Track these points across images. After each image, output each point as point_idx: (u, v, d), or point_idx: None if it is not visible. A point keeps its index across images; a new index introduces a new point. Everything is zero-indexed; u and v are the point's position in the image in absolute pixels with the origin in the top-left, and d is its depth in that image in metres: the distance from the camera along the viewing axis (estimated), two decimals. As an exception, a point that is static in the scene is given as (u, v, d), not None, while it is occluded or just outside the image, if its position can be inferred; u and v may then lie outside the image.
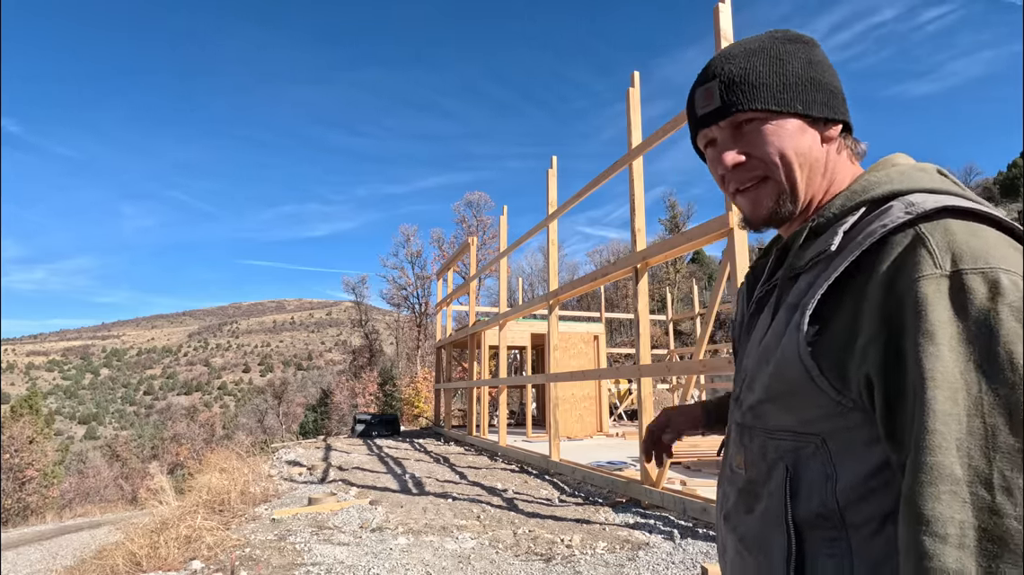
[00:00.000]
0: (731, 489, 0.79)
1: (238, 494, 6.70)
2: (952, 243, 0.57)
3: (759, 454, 0.73)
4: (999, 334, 0.53)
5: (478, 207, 37.89)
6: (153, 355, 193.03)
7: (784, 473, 0.68)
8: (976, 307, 0.54)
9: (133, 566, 4.49)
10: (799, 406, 0.67)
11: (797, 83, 0.73)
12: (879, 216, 0.64)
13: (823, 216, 0.70)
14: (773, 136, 0.73)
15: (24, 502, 25.87)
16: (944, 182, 0.66)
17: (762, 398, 0.72)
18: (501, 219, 11.31)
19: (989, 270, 0.55)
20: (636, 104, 6.51)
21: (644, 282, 6.24)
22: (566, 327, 13.54)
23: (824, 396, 0.64)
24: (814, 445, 0.66)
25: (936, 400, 0.54)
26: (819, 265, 0.67)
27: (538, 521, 5.31)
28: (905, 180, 0.67)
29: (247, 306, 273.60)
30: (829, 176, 0.75)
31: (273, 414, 54.24)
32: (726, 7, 5.04)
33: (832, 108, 0.75)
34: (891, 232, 0.61)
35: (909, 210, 0.61)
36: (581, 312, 26.53)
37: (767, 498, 0.70)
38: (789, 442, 0.69)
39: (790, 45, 0.76)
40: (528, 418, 13.32)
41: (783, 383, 0.68)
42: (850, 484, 0.63)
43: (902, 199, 0.64)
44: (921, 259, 0.57)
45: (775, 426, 0.71)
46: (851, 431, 0.64)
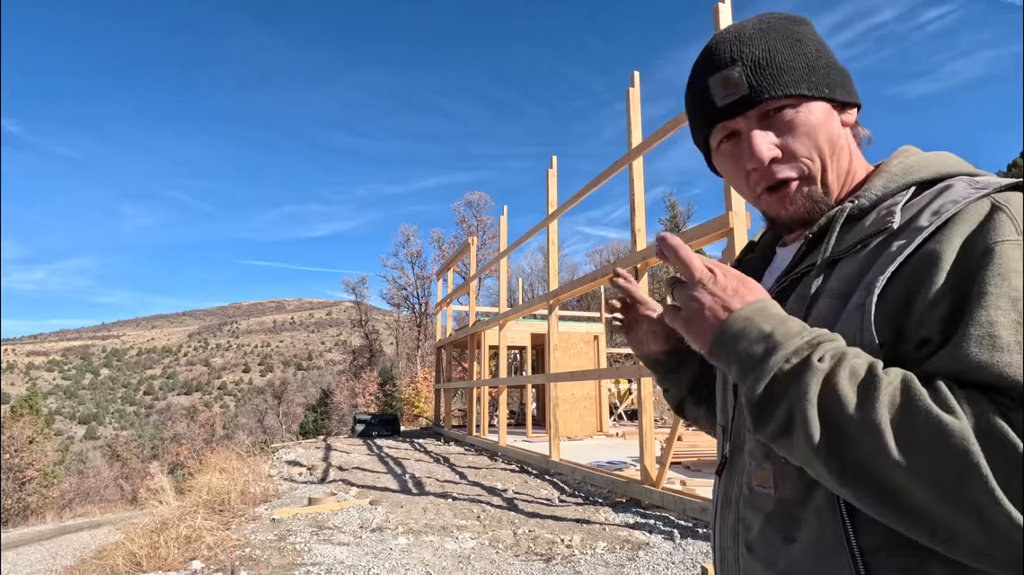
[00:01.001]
0: (753, 514, 0.66)
1: (238, 494, 6.70)
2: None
3: (794, 468, 0.60)
4: None
5: (478, 207, 37.90)
6: (153, 355, 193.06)
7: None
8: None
9: (133, 566, 4.49)
10: None
11: (819, 65, 0.68)
12: (940, 194, 0.60)
13: (864, 198, 0.64)
14: (807, 124, 0.67)
15: (24, 502, 25.87)
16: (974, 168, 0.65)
17: None
18: (501, 219, 11.31)
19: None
20: (636, 104, 6.51)
21: (644, 282, 6.23)
22: (566, 327, 13.54)
23: None
24: None
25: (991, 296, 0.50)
26: (872, 247, 0.61)
27: (538, 521, 5.31)
28: (946, 164, 0.64)
29: (247, 306, 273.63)
30: (847, 163, 0.70)
31: (273, 414, 54.22)
32: (726, 7, 5.04)
33: (850, 91, 0.71)
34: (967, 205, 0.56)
35: (976, 186, 0.58)
36: (581, 312, 26.52)
37: (814, 521, 0.59)
38: None
39: (798, 26, 0.70)
40: (528, 418, 13.32)
41: None
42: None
43: (959, 179, 0.61)
44: (1002, 224, 0.53)
45: None
46: None
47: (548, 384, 8.17)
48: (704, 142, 0.76)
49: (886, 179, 0.65)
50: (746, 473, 0.68)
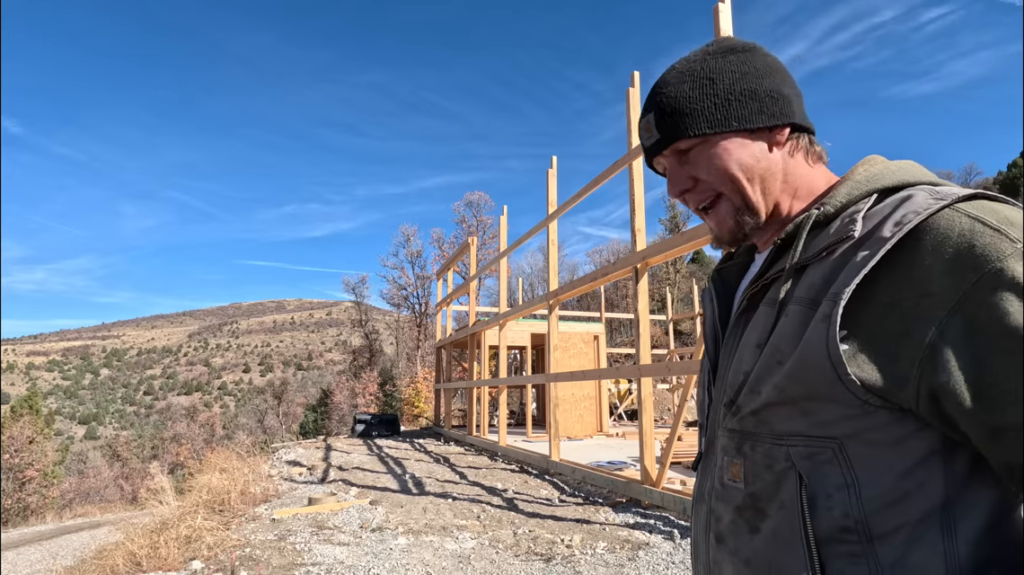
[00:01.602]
0: (724, 506, 0.70)
1: (238, 494, 6.69)
2: (1011, 219, 0.55)
3: (763, 464, 0.65)
4: None
5: (478, 207, 37.92)
6: (153, 355, 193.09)
7: (797, 483, 0.61)
8: None
9: (133, 566, 4.49)
10: (817, 408, 0.61)
11: (730, 100, 0.72)
12: (900, 203, 0.61)
13: (830, 205, 0.67)
14: (715, 158, 0.73)
15: (24, 502, 25.87)
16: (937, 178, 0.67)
17: (772, 400, 0.64)
18: (501, 219, 11.31)
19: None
20: (636, 104, 6.51)
21: (644, 282, 6.24)
22: (566, 327, 13.54)
23: (849, 396, 0.59)
24: (831, 450, 0.60)
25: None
26: (836, 254, 0.63)
27: (538, 521, 5.31)
28: (909, 173, 0.66)
29: (247, 306, 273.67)
30: (791, 180, 0.74)
31: (273, 414, 54.23)
32: (726, 7, 5.04)
33: (772, 115, 0.72)
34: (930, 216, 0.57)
35: (937, 196, 0.59)
36: (581, 312, 26.53)
37: (777, 513, 0.63)
38: (802, 448, 0.62)
39: (722, 59, 0.74)
40: (528, 418, 13.32)
41: (801, 383, 0.61)
42: (877, 490, 0.58)
43: (921, 187, 0.62)
44: (992, 239, 0.53)
45: (785, 431, 0.64)
46: (876, 432, 0.59)
47: (548, 384, 8.17)
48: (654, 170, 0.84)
49: (850, 187, 0.67)
50: (718, 468, 0.72)
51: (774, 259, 0.72)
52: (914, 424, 0.58)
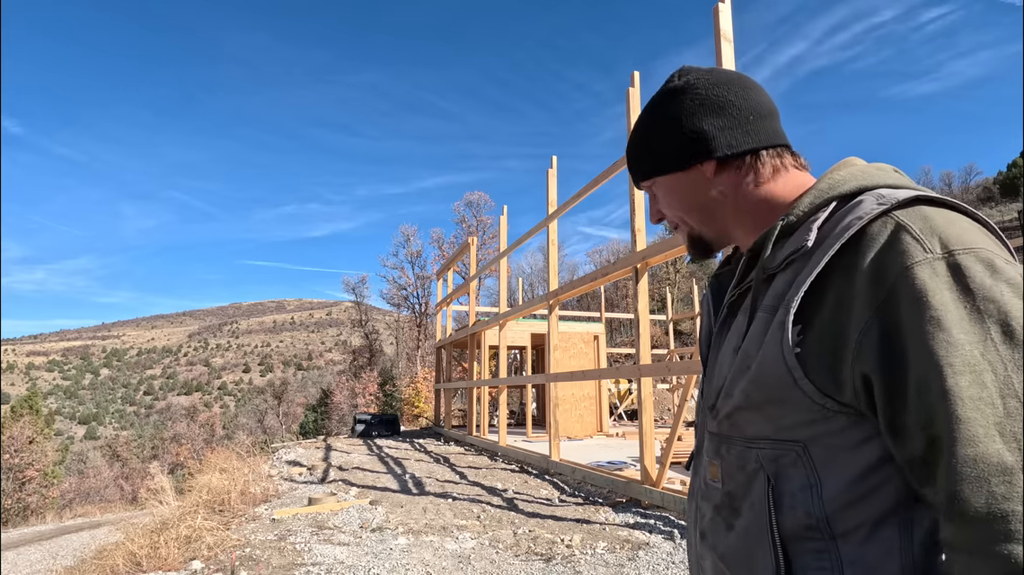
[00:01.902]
0: (706, 505, 0.74)
1: (238, 494, 6.69)
2: (935, 228, 0.57)
3: (737, 465, 0.69)
4: (1008, 310, 0.52)
5: (478, 207, 37.91)
6: (153, 355, 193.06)
7: (765, 484, 0.65)
8: (979, 285, 0.54)
9: (133, 566, 4.49)
10: (779, 412, 0.65)
11: (667, 148, 0.78)
12: (851, 209, 0.64)
13: (793, 215, 0.69)
14: (665, 197, 0.82)
15: (24, 502, 25.86)
16: (903, 179, 0.68)
17: (741, 405, 0.68)
18: (501, 219, 11.31)
19: (978, 250, 0.55)
20: (636, 104, 6.51)
21: (644, 282, 6.24)
22: (566, 327, 13.54)
23: (807, 400, 0.62)
24: (795, 453, 0.64)
25: (960, 387, 0.51)
26: (795, 263, 0.66)
27: (538, 521, 5.31)
28: (869, 177, 0.67)
29: (247, 306, 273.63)
30: (742, 202, 0.77)
31: (273, 414, 54.21)
32: (726, 7, 5.04)
33: (709, 150, 0.76)
34: (869, 222, 0.60)
35: (881, 201, 0.61)
36: (581, 312, 26.53)
37: (748, 512, 0.67)
38: (769, 451, 0.66)
39: (659, 109, 0.80)
40: (528, 418, 13.32)
41: (763, 388, 0.65)
42: (836, 491, 0.61)
43: (871, 192, 0.64)
44: (908, 246, 0.57)
45: (754, 434, 0.68)
46: (835, 436, 0.62)
47: (548, 384, 8.17)
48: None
49: (813, 196, 0.69)
50: (703, 468, 0.77)
51: (747, 269, 0.77)
52: (871, 429, 0.60)
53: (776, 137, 0.77)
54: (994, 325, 0.52)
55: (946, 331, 0.53)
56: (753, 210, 0.76)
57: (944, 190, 47.56)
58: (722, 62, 5.00)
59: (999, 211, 33.64)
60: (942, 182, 48.87)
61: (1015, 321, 0.52)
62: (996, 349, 0.52)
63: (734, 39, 5.08)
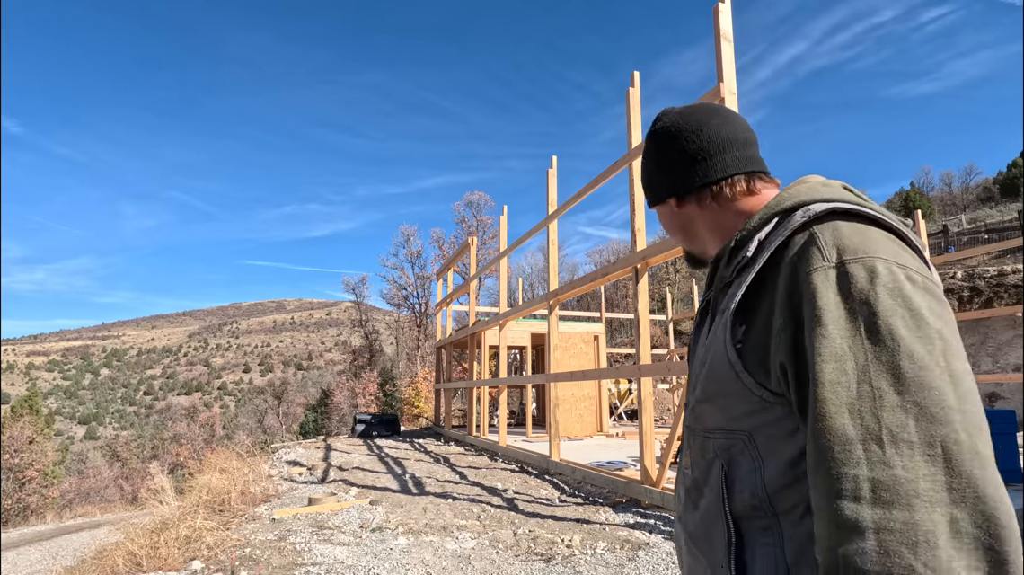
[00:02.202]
0: (682, 489, 0.85)
1: (238, 494, 6.69)
2: (838, 239, 0.67)
3: (699, 453, 0.80)
4: (878, 310, 0.61)
5: (478, 207, 37.88)
6: (153, 355, 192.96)
7: (720, 470, 0.75)
8: (857, 289, 0.63)
9: (133, 566, 4.49)
10: (728, 403, 0.74)
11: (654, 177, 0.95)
12: (785, 224, 0.73)
13: (744, 230, 0.78)
14: (662, 217, 0.98)
15: (24, 502, 25.84)
16: (844, 194, 0.74)
17: (700, 398, 0.79)
18: (501, 219, 11.31)
19: (867, 258, 0.64)
20: (636, 104, 6.51)
21: (644, 282, 6.24)
22: (566, 327, 13.53)
23: (747, 391, 0.71)
24: (742, 441, 0.73)
25: (824, 372, 0.61)
26: (743, 272, 0.75)
27: (538, 521, 5.31)
28: (809, 193, 0.75)
29: (247, 306, 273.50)
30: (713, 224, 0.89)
31: (273, 414, 54.16)
32: (726, 7, 5.04)
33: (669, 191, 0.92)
34: (792, 234, 0.70)
35: (804, 215, 0.71)
36: (581, 312, 26.52)
37: (708, 494, 0.77)
38: (723, 440, 0.76)
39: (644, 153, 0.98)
40: (528, 418, 13.31)
41: (715, 382, 0.75)
42: (776, 474, 0.70)
43: (804, 208, 0.72)
44: (812, 254, 0.67)
45: (711, 426, 0.78)
46: (773, 425, 0.70)
47: (548, 384, 8.16)
48: None
49: (762, 213, 0.78)
50: (682, 457, 0.88)
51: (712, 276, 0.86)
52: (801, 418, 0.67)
53: (742, 165, 0.88)
54: (863, 323, 0.62)
55: (823, 327, 0.63)
56: (723, 228, 0.88)
57: (944, 190, 47.45)
58: (722, 62, 5.00)
59: (999, 211, 33.57)
60: (942, 182, 48.78)
61: (880, 321, 0.61)
62: (862, 343, 0.61)
63: (734, 39, 5.08)
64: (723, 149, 0.88)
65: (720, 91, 4.98)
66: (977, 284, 17.14)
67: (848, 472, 0.57)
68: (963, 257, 18.07)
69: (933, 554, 0.53)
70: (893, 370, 0.59)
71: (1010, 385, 14.51)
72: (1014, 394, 14.39)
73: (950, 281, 17.65)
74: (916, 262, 0.67)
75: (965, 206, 41.60)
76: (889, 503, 0.55)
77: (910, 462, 0.56)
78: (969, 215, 35.15)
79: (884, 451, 0.57)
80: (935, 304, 0.63)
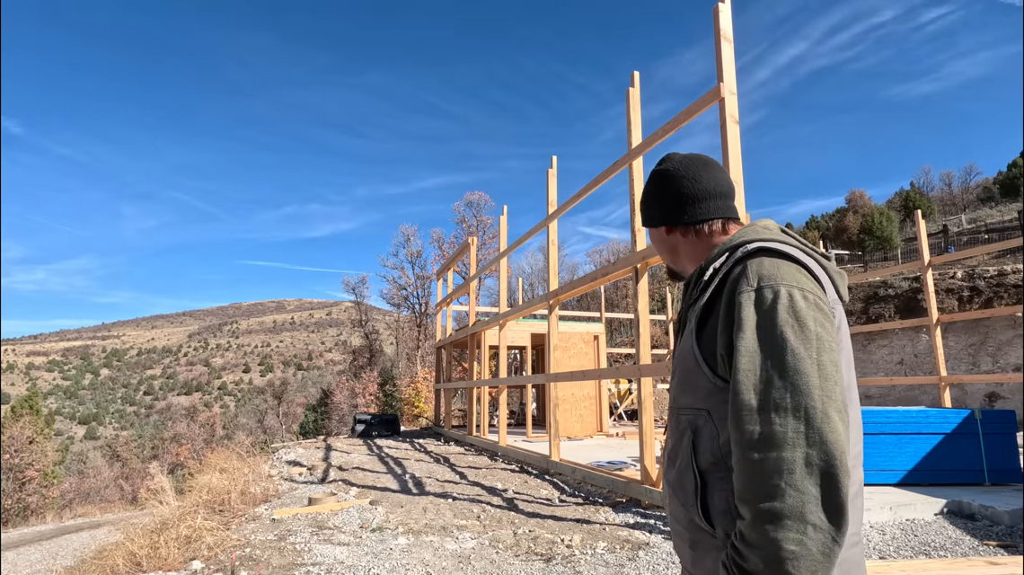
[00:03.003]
0: (666, 456, 1.12)
1: (238, 494, 6.69)
2: (759, 271, 0.95)
3: (676, 426, 1.08)
4: (776, 320, 0.90)
5: (478, 207, 37.84)
6: (153, 355, 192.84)
7: (690, 437, 1.03)
8: (764, 306, 0.91)
9: (133, 566, 4.49)
10: (694, 388, 1.03)
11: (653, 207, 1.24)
12: (731, 257, 1.02)
13: (708, 262, 1.07)
14: (654, 240, 1.28)
15: (24, 502, 25.82)
16: (777, 235, 1.05)
17: (676, 385, 1.08)
18: (501, 219, 11.30)
19: (775, 285, 0.92)
20: (636, 104, 6.50)
21: (644, 282, 6.23)
22: (566, 327, 13.52)
23: (706, 379, 1.00)
24: (704, 416, 1.01)
25: (740, 363, 0.90)
26: (704, 292, 1.03)
27: (538, 521, 5.30)
28: (751, 234, 1.05)
29: (247, 306, 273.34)
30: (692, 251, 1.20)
31: (273, 414, 54.12)
32: (726, 7, 5.03)
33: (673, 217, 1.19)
34: (732, 266, 1.00)
35: (743, 252, 1.00)
36: (581, 312, 26.51)
37: (682, 455, 1.05)
38: (691, 416, 1.04)
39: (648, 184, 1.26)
40: (528, 418, 13.31)
41: (686, 372, 1.04)
42: (726, 439, 0.96)
43: (743, 247, 1.01)
44: (741, 281, 0.96)
45: (684, 405, 1.06)
46: (724, 404, 0.96)
47: (548, 384, 8.16)
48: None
49: (719, 249, 1.07)
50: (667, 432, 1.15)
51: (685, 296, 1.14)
52: None
53: (721, 212, 1.17)
54: (765, 329, 0.90)
55: (743, 331, 0.91)
56: (698, 256, 1.19)
57: (944, 190, 47.41)
58: (722, 62, 5.00)
59: (999, 211, 33.54)
60: (942, 182, 48.75)
61: (777, 328, 0.89)
62: (766, 342, 0.89)
63: (734, 39, 5.08)
64: (709, 198, 1.17)
65: (720, 91, 4.98)
66: (977, 284, 17.13)
67: (748, 428, 0.86)
68: (963, 257, 18.06)
69: (792, 476, 0.81)
70: (780, 362, 0.87)
71: (1010, 385, 14.50)
72: (1014, 394, 14.38)
73: (950, 281, 17.64)
74: (812, 285, 0.95)
75: (965, 206, 41.59)
76: (769, 446, 0.83)
77: (783, 421, 0.84)
78: (969, 215, 35.14)
79: (769, 415, 0.85)
80: (819, 315, 0.91)
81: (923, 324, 11.44)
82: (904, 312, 18.06)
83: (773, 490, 0.81)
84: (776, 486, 0.81)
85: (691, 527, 1.02)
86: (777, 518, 0.80)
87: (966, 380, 11.36)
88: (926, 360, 16.16)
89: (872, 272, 21.11)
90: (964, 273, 17.69)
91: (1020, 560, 3.52)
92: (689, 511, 1.01)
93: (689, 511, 1.01)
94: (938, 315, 10.33)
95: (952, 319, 11.06)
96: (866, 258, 30.06)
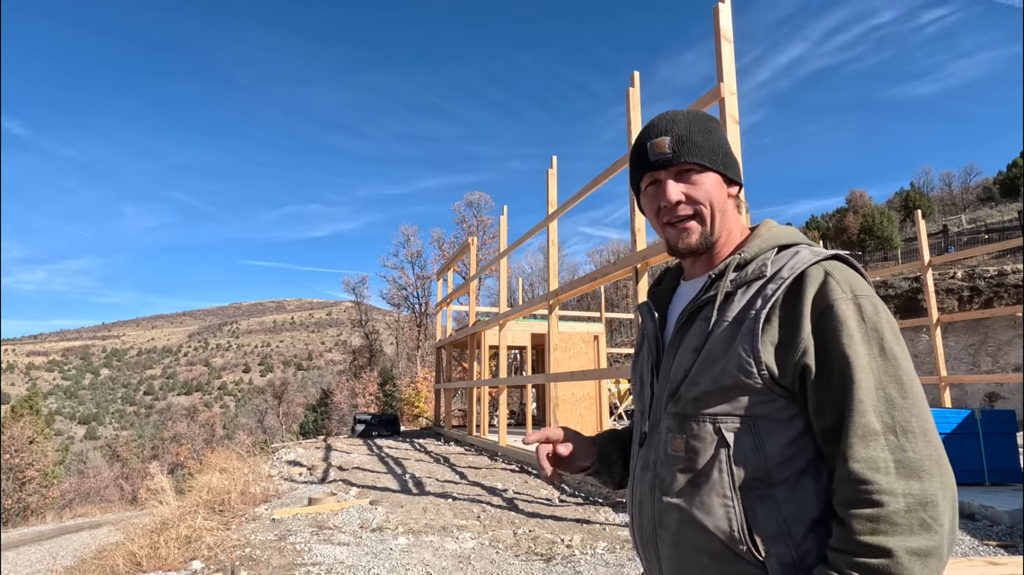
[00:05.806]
0: (668, 470, 0.94)
1: (238, 494, 6.69)
2: (848, 279, 0.86)
3: (700, 436, 0.91)
4: (884, 335, 0.83)
5: (478, 207, 37.85)
6: (153, 355, 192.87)
7: (727, 449, 0.88)
8: (869, 318, 0.84)
9: (133, 566, 4.49)
10: (739, 395, 0.88)
11: (719, 150, 0.99)
12: (792, 255, 0.91)
13: (747, 253, 0.94)
14: (704, 183, 0.98)
15: (24, 502, 25.82)
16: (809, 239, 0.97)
17: (708, 390, 0.90)
18: (501, 219, 11.31)
19: (871, 296, 0.86)
20: (636, 104, 6.50)
21: (644, 282, 6.23)
22: (566, 327, 13.53)
23: (760, 386, 0.86)
24: (747, 425, 0.88)
25: (861, 380, 0.81)
26: (753, 285, 0.91)
27: (538, 521, 5.30)
28: (796, 235, 0.96)
29: (247, 306, 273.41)
30: (728, 221, 1.00)
31: (273, 414, 54.10)
32: (726, 7, 5.03)
33: (736, 173, 1.01)
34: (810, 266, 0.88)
35: (814, 254, 0.90)
36: (581, 312, 26.50)
37: (715, 471, 0.89)
38: (728, 423, 0.89)
39: (710, 122, 1.01)
40: (528, 418, 13.32)
41: (730, 377, 0.88)
42: (775, 452, 0.87)
43: (803, 246, 0.93)
44: (834, 287, 0.85)
45: (717, 412, 0.90)
46: (776, 412, 0.87)
47: (548, 384, 8.16)
48: (636, 185, 1.05)
49: (760, 241, 0.95)
50: (663, 443, 0.96)
51: (708, 287, 0.96)
52: (799, 407, 0.87)
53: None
54: (875, 344, 0.83)
55: (856, 343, 0.82)
56: (729, 228, 1.01)
57: (944, 190, 47.40)
58: (722, 62, 5.00)
59: (999, 211, 33.51)
60: (942, 182, 48.71)
61: (886, 343, 0.83)
62: (876, 359, 0.82)
63: (734, 40, 5.08)
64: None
65: (720, 91, 4.98)
66: (977, 284, 17.14)
67: (878, 455, 0.78)
68: (963, 257, 18.07)
69: (936, 510, 0.76)
70: (898, 381, 0.81)
71: (1010, 385, 14.50)
72: (1014, 394, 14.38)
73: (950, 281, 17.64)
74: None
75: (965, 206, 41.57)
76: (909, 476, 0.77)
77: (914, 446, 0.78)
78: (969, 215, 35.13)
79: (899, 440, 0.79)
80: (896, 325, 0.86)
81: (923, 324, 11.44)
82: (904, 312, 18.06)
83: (921, 525, 0.76)
84: (923, 520, 0.76)
85: (724, 557, 0.87)
86: (926, 555, 0.76)
87: (966, 380, 11.36)
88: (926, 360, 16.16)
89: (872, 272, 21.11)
90: (964, 273, 17.69)
91: (1020, 560, 3.52)
92: (723, 538, 0.87)
93: (723, 538, 0.87)
94: (938, 315, 10.33)
95: (952, 319, 11.07)
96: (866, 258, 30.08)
